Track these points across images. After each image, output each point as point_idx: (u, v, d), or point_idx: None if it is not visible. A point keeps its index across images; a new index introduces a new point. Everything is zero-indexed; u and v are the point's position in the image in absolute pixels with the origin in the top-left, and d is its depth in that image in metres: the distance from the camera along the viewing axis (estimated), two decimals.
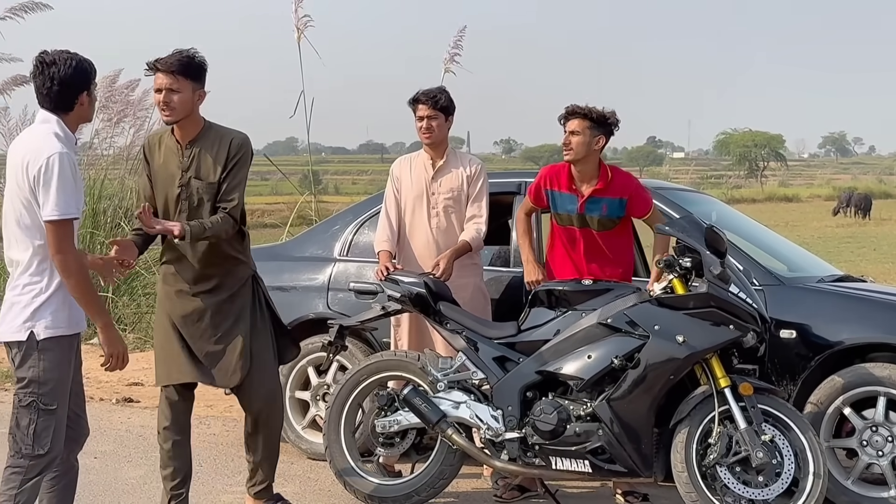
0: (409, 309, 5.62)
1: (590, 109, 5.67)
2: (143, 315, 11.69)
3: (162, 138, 5.13)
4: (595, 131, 5.66)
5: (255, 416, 5.22)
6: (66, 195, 4.01)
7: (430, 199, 5.97)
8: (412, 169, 6.07)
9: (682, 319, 5.03)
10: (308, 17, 11.04)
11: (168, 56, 4.94)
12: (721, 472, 4.97)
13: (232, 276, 5.14)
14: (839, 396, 5.47)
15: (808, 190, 74.61)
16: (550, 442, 5.18)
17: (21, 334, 4.07)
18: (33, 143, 4.10)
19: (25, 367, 4.08)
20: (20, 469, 4.10)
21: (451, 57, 11.06)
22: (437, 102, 5.94)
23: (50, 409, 4.09)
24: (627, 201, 5.68)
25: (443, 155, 6.02)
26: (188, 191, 5.01)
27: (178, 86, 4.91)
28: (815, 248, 20.18)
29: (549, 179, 5.80)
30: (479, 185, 5.99)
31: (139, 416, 7.85)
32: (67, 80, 4.13)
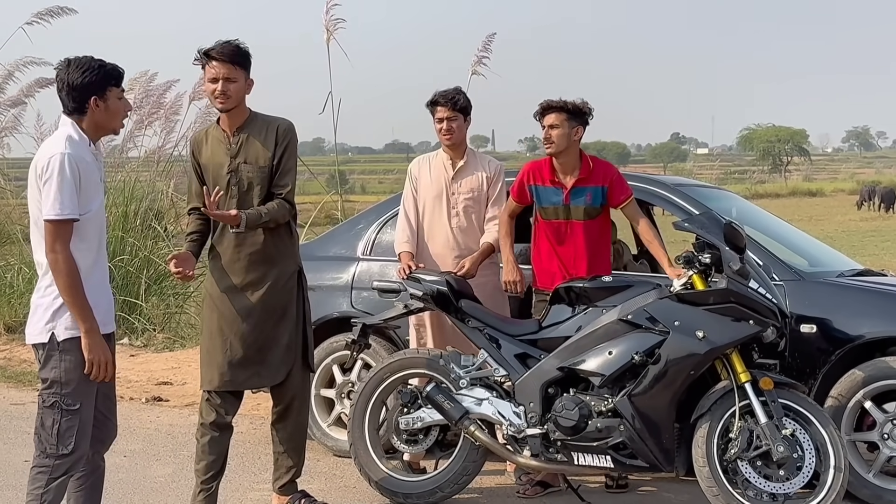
0: (431, 307, 5.67)
1: (564, 102, 5.75)
2: (173, 315, 11.81)
3: (208, 133, 5.24)
4: (572, 122, 5.74)
5: (288, 404, 5.31)
6: (64, 196, 4.03)
7: (450, 199, 6.02)
8: (431, 169, 6.11)
9: (702, 315, 5.07)
10: (340, 19, 11.14)
11: (220, 46, 5.04)
12: (742, 467, 4.99)
13: (281, 272, 5.23)
14: (860, 390, 5.50)
15: (832, 184, 74.30)
16: (572, 438, 5.22)
17: (43, 336, 4.13)
18: (44, 148, 4.18)
19: (48, 369, 4.14)
20: (46, 468, 4.15)
21: (478, 60, 11.14)
22: (456, 103, 5.98)
23: (73, 409, 4.13)
24: (608, 189, 5.75)
25: (463, 155, 6.07)
26: (237, 176, 5.11)
27: (234, 74, 5.04)
28: (839, 242, 20.16)
29: (532, 175, 5.86)
30: (500, 186, 6.05)
31: (168, 414, 7.94)
32: (77, 84, 4.16)
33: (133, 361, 9.92)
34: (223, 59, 5.02)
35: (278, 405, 5.34)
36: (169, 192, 12.72)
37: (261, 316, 5.15)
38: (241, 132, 5.15)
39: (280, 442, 5.38)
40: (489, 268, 5.99)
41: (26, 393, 8.63)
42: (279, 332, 5.21)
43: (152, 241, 12.06)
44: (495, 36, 11.38)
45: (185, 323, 11.75)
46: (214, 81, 5.05)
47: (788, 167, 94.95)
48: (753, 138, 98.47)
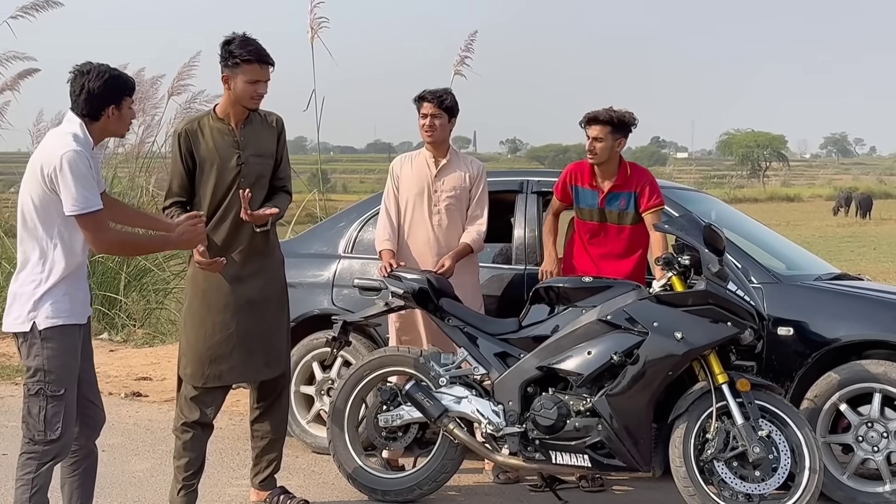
0: (412, 305, 5.69)
1: (611, 116, 5.83)
2: (153, 311, 11.80)
3: (203, 123, 5.23)
4: (616, 134, 5.87)
5: (277, 397, 5.35)
6: (85, 189, 4.12)
7: (432, 197, 6.04)
8: (414, 167, 6.13)
9: (680, 316, 5.11)
10: (324, 18, 11.17)
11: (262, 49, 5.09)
12: (718, 467, 5.03)
13: (274, 262, 5.30)
14: (835, 393, 5.54)
15: (810, 190, 74.64)
16: (550, 436, 5.25)
17: (24, 325, 4.19)
18: (49, 145, 4.22)
19: (31, 357, 4.20)
20: (35, 454, 4.22)
21: (461, 59, 11.18)
22: (443, 102, 6.01)
23: (58, 394, 4.20)
24: (638, 195, 5.84)
25: (446, 154, 6.09)
26: (247, 168, 5.14)
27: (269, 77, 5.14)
28: (816, 247, 20.27)
29: (574, 175, 6.00)
30: (482, 187, 6.08)
31: (147, 410, 7.94)
32: (95, 91, 4.25)
33: (112, 357, 9.91)
34: (271, 63, 5.10)
35: (267, 398, 5.36)
36: (150, 188, 12.69)
37: (263, 306, 5.20)
38: (247, 125, 5.19)
39: (262, 436, 5.40)
40: (468, 267, 6.01)
41: (5, 387, 8.61)
42: (281, 322, 5.30)
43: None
44: (477, 34, 11.41)
45: (165, 319, 11.74)
46: (254, 83, 5.08)
47: (767, 172, 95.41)
48: (733, 143, 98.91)
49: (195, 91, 12.78)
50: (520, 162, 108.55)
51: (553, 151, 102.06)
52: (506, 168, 46.94)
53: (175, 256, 12.20)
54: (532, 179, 6.64)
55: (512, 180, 6.78)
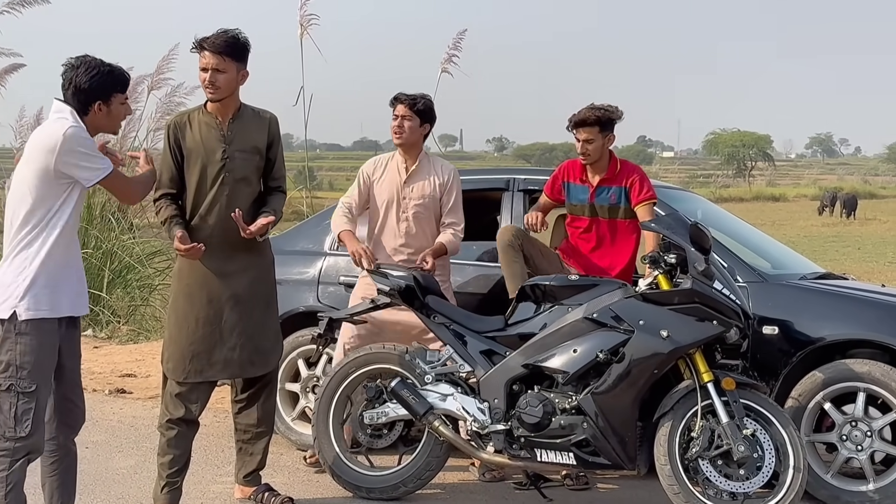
0: (398, 302, 5.68)
1: (597, 116, 5.83)
2: (137, 307, 11.76)
3: (192, 116, 5.22)
4: (605, 132, 5.91)
5: (258, 390, 5.35)
6: (97, 156, 4.21)
7: (400, 204, 6.00)
8: (385, 171, 6.09)
9: (666, 315, 5.11)
10: (314, 15, 11.16)
11: (214, 36, 5.06)
12: (703, 466, 5.04)
13: (264, 259, 5.28)
14: (820, 392, 5.56)
15: (795, 190, 74.86)
16: (536, 434, 5.25)
17: (4, 313, 4.14)
18: (46, 129, 4.25)
19: (3, 351, 4.15)
20: (6, 452, 4.18)
21: (449, 58, 11.19)
22: (415, 104, 5.98)
23: (29, 391, 4.15)
24: (629, 189, 5.86)
25: (416, 159, 6.05)
26: (232, 163, 5.12)
27: (224, 66, 5.05)
28: (801, 246, 20.32)
29: (567, 172, 6.07)
30: (455, 193, 6.05)
31: (131, 406, 7.92)
32: (83, 86, 4.27)
33: (97, 353, 9.88)
34: (214, 49, 5.03)
35: (247, 391, 5.35)
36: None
37: (250, 303, 5.17)
38: (236, 121, 5.17)
39: (244, 430, 5.39)
40: (440, 269, 6.01)
41: None
42: (269, 320, 5.27)
43: (115, 232, 11.99)
44: (466, 33, 11.42)
45: (149, 315, 11.71)
46: (205, 71, 5.07)
47: (752, 172, 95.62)
48: (719, 143, 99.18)
49: (175, 84, 12.74)
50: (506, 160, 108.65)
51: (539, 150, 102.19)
52: (492, 166, 46.95)
53: (159, 253, 12.17)
54: (519, 178, 6.63)
55: (498, 178, 6.78)
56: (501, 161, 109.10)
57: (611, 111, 5.90)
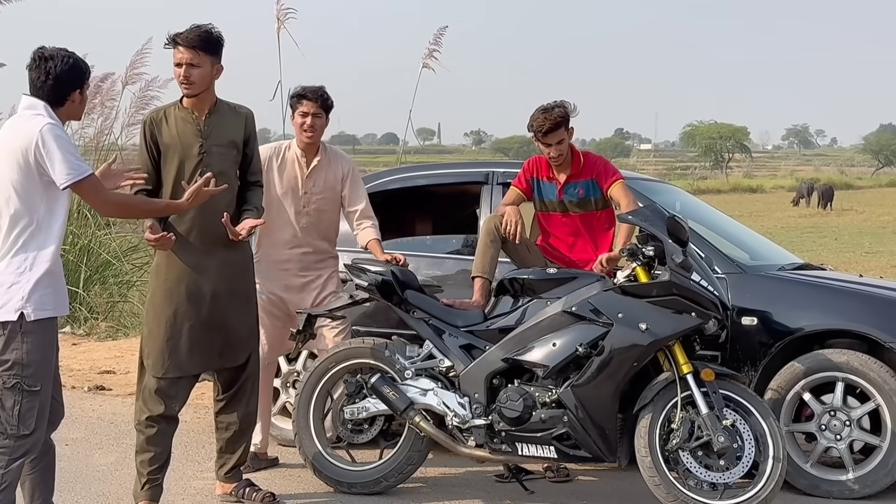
0: (377, 297, 5.67)
1: (561, 118, 5.83)
2: (115, 304, 11.71)
3: (168, 112, 5.19)
4: (568, 129, 5.89)
5: (240, 388, 5.33)
6: (73, 156, 4.16)
7: (301, 199, 5.97)
8: (284, 163, 6.01)
9: (645, 307, 5.12)
10: (291, 9, 11.13)
11: (188, 31, 5.04)
12: (683, 457, 5.05)
13: (243, 255, 5.27)
14: (799, 382, 5.59)
15: (772, 181, 75.09)
16: (516, 428, 5.26)
17: (10, 315, 4.13)
18: (22, 126, 4.20)
19: (9, 350, 4.14)
20: (5, 449, 4.17)
21: (429, 53, 11.21)
22: (326, 101, 5.93)
23: (34, 390, 4.17)
24: (597, 180, 5.87)
25: (316, 154, 6.01)
26: (209, 158, 5.10)
27: (198, 60, 5.03)
28: (779, 237, 20.41)
29: (534, 168, 6.03)
30: (357, 183, 6.06)
31: (111, 403, 7.88)
32: (63, 77, 4.25)
33: (75, 350, 9.84)
34: (187, 44, 5.01)
35: (228, 390, 5.33)
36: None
37: (226, 298, 5.14)
38: (212, 116, 5.15)
39: (226, 428, 5.37)
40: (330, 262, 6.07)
41: None
42: (245, 315, 5.25)
43: (92, 228, 11.94)
44: (447, 29, 11.45)
45: (127, 312, 11.66)
46: (179, 66, 5.04)
47: (730, 164, 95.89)
48: (696, 135, 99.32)
49: (149, 78, 12.69)
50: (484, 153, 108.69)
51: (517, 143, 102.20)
52: (470, 160, 46.95)
53: (137, 249, 12.12)
54: (497, 171, 6.64)
55: (477, 172, 6.78)
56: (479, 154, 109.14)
57: (565, 108, 5.88)
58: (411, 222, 7.41)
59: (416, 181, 7.02)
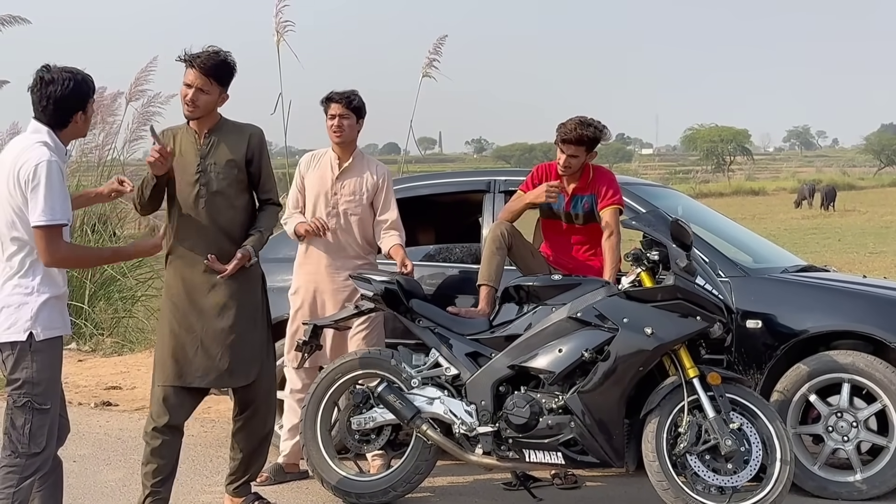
0: (382, 307, 5.68)
1: (589, 138, 5.84)
2: (121, 320, 11.71)
3: (177, 134, 5.22)
4: (591, 149, 5.92)
5: (255, 409, 5.31)
6: (54, 201, 4.09)
7: (330, 200, 6.04)
8: (318, 166, 6.14)
9: (650, 312, 5.13)
10: (290, 22, 11.15)
11: (206, 56, 5.04)
12: (691, 461, 5.06)
13: (252, 271, 5.24)
14: (805, 384, 5.60)
15: (774, 183, 75.04)
16: (524, 435, 5.26)
17: (19, 335, 4.13)
18: (23, 152, 4.18)
19: (19, 369, 4.15)
20: (17, 468, 4.18)
21: (429, 62, 11.22)
22: (350, 102, 6.02)
23: (44, 408, 4.18)
24: (597, 196, 5.89)
25: (350, 156, 6.09)
26: (206, 177, 5.10)
27: (208, 87, 5.04)
28: (782, 239, 20.44)
29: (543, 175, 6.02)
30: (387, 191, 6.09)
31: (117, 419, 7.89)
32: (63, 100, 4.23)
33: (81, 366, 9.85)
34: (202, 69, 5.01)
35: (244, 411, 5.32)
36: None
37: (234, 314, 5.13)
38: (212, 134, 5.16)
39: (241, 449, 5.37)
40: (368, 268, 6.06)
41: None
42: (253, 332, 5.22)
43: (97, 244, 11.95)
44: (446, 38, 11.47)
45: (133, 327, 11.66)
46: (188, 87, 5.04)
47: (731, 166, 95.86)
48: (697, 138, 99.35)
49: (151, 94, 12.72)
50: (486, 161, 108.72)
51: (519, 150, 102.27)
52: (472, 168, 47.00)
53: (142, 265, 12.13)
54: (499, 179, 6.64)
55: (479, 180, 6.79)
56: (481, 162, 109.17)
57: (600, 132, 5.88)
58: (414, 232, 7.42)
59: (419, 191, 7.03)
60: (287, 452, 6.12)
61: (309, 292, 6.04)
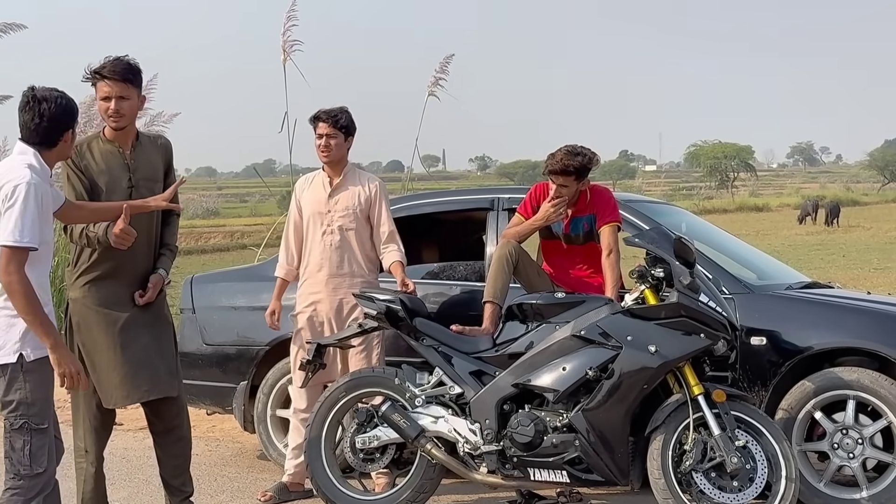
0: (385, 326, 5.69)
1: (575, 167, 5.79)
2: None
3: (92, 144, 5.13)
4: (580, 177, 5.87)
5: (180, 425, 5.28)
6: (25, 224, 4.06)
7: (325, 217, 6.07)
8: (311, 187, 6.19)
9: (653, 329, 5.13)
10: (297, 41, 11.18)
11: (112, 64, 4.99)
12: (697, 478, 5.05)
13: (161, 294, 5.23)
14: (810, 401, 5.58)
15: (778, 199, 75.08)
16: (528, 453, 5.26)
17: (10, 357, 4.13)
18: (7, 173, 4.18)
19: (12, 391, 4.15)
20: (21, 490, 4.18)
21: (435, 81, 11.26)
22: (337, 122, 6.05)
23: (42, 428, 4.19)
24: (596, 215, 5.89)
25: (340, 173, 6.12)
26: (139, 192, 5.06)
27: (127, 93, 5.00)
28: (786, 255, 20.39)
29: (542, 196, 6.00)
30: (382, 204, 6.11)
31: (121, 438, 7.86)
32: (56, 118, 4.24)
33: None
34: (115, 77, 4.96)
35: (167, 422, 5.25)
36: None
37: (156, 326, 5.13)
38: (137, 148, 5.14)
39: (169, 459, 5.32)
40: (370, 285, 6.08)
41: None
42: (169, 344, 5.21)
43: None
44: (453, 57, 11.49)
45: None
46: (107, 100, 4.99)
47: (735, 183, 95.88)
48: (700, 155, 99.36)
49: (153, 114, 12.74)
50: (489, 179, 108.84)
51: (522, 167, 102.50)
52: (476, 186, 47.02)
53: None
54: (503, 196, 6.64)
55: (483, 198, 6.79)
56: (485, 180, 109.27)
57: (588, 160, 5.83)
58: (418, 250, 7.42)
59: (423, 209, 7.04)
60: (292, 471, 6.11)
61: (311, 311, 6.04)
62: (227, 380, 6.89)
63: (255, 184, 69.35)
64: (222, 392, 6.91)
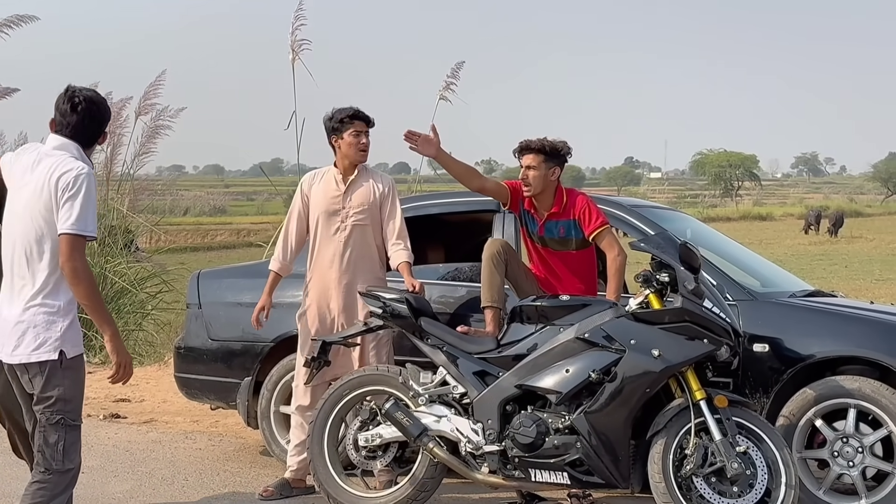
0: (391, 324, 5.72)
1: (542, 144, 5.90)
2: (130, 333, 11.74)
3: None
4: (550, 163, 5.94)
5: None
6: (88, 214, 4.15)
7: (339, 214, 6.09)
8: (322, 184, 6.20)
9: (657, 334, 5.15)
10: (306, 41, 11.22)
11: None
12: (697, 483, 5.07)
13: None
14: (811, 408, 5.60)
15: (782, 209, 75.10)
16: (530, 454, 5.28)
17: (50, 354, 4.17)
18: (61, 163, 4.20)
19: (51, 387, 4.19)
20: (49, 484, 4.22)
21: (447, 85, 11.30)
22: (370, 123, 6.15)
23: (76, 424, 4.26)
24: (578, 221, 5.91)
25: (355, 170, 6.16)
26: None
27: None
28: (789, 265, 20.40)
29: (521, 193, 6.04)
30: (393, 201, 6.15)
31: (126, 431, 7.91)
32: (102, 120, 4.38)
33: (90, 378, 9.79)
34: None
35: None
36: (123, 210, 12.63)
37: None
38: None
39: None
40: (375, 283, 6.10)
41: None
42: None
43: (106, 257, 12.00)
44: (464, 64, 11.53)
45: (142, 340, 11.71)
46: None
47: (739, 192, 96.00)
48: (705, 163, 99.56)
49: (160, 108, 12.80)
50: None
51: None
52: None
53: (151, 276, 12.19)
54: None
55: (489, 200, 6.81)
56: None
57: (558, 145, 5.94)
58: (424, 251, 7.45)
59: (429, 210, 7.07)
60: (294, 468, 6.14)
61: (319, 309, 6.08)
62: (232, 375, 6.92)
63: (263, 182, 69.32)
64: (227, 387, 6.94)
